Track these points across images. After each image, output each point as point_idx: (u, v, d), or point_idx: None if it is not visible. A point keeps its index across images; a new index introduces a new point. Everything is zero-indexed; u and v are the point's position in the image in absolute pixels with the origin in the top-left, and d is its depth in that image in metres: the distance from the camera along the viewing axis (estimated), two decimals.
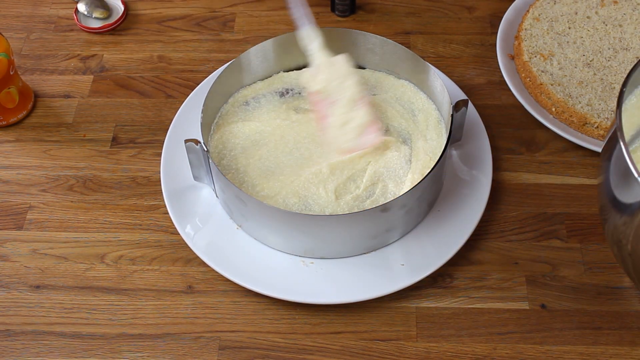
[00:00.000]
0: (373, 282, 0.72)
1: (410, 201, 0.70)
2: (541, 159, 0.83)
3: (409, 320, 0.72)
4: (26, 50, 0.96)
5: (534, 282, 0.74)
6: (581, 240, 0.77)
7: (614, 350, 0.70)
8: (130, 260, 0.77)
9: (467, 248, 0.75)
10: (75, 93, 0.91)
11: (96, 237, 0.79)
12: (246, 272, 0.73)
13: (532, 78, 0.85)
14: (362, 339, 0.71)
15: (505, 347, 0.70)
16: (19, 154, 0.86)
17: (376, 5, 0.99)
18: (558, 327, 0.71)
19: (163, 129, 0.85)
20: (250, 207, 0.71)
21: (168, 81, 0.92)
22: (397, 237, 0.75)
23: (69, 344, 0.72)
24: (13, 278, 0.76)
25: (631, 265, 0.64)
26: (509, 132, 0.85)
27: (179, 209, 0.77)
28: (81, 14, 0.98)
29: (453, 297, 0.74)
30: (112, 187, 0.83)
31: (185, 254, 0.77)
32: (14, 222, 0.80)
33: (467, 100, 0.75)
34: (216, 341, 0.71)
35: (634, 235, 0.60)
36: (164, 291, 0.75)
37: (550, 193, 0.80)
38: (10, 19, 0.99)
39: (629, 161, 0.56)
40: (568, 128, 0.83)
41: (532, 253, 0.76)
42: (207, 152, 0.71)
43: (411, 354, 0.70)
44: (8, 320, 0.73)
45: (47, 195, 0.82)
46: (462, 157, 0.80)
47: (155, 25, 0.98)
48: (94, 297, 0.75)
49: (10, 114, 0.87)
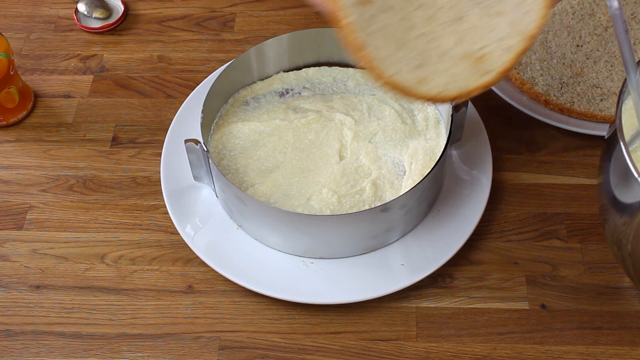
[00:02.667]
0: (373, 282, 0.72)
1: (410, 201, 0.70)
2: (541, 159, 0.83)
3: (409, 320, 0.72)
4: (26, 50, 0.96)
5: (534, 282, 0.74)
6: (581, 240, 0.77)
7: (614, 350, 0.70)
8: (130, 260, 0.77)
9: (467, 248, 0.75)
10: (75, 93, 0.91)
11: (96, 237, 0.79)
12: (246, 272, 0.73)
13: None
14: (362, 339, 0.71)
15: (505, 347, 0.70)
16: (19, 154, 0.86)
17: None
18: (558, 327, 0.71)
19: (163, 129, 0.85)
20: (250, 207, 0.71)
21: (168, 81, 0.92)
22: (397, 237, 0.75)
23: (69, 344, 0.72)
24: (13, 278, 0.76)
25: (631, 265, 0.64)
26: (509, 132, 0.85)
27: (179, 209, 0.77)
28: (81, 14, 0.98)
29: (453, 297, 0.74)
30: (112, 187, 0.83)
31: (185, 254, 0.77)
32: (14, 222, 0.80)
33: (467, 100, 0.74)
34: (216, 341, 0.71)
35: (634, 235, 0.60)
36: (164, 291, 0.75)
37: (550, 193, 0.81)
38: (10, 19, 0.99)
39: (629, 161, 0.56)
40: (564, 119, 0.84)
41: (532, 253, 0.76)
42: (207, 152, 0.72)
43: (411, 354, 0.70)
44: (8, 320, 0.73)
45: (47, 195, 0.82)
46: (462, 157, 0.80)
47: (155, 25, 0.98)
48: (94, 297, 0.75)
49: (10, 114, 0.87)
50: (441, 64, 0.62)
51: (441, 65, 0.62)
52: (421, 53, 0.62)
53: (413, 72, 0.61)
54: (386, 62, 0.60)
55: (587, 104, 0.84)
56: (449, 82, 0.62)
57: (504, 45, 0.62)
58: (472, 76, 0.62)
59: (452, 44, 0.62)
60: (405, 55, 0.61)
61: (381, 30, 0.61)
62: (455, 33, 0.62)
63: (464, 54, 0.62)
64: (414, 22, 0.62)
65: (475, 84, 0.62)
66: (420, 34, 0.62)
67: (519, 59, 0.62)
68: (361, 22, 0.60)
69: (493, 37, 0.62)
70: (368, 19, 0.60)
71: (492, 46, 0.62)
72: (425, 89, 0.61)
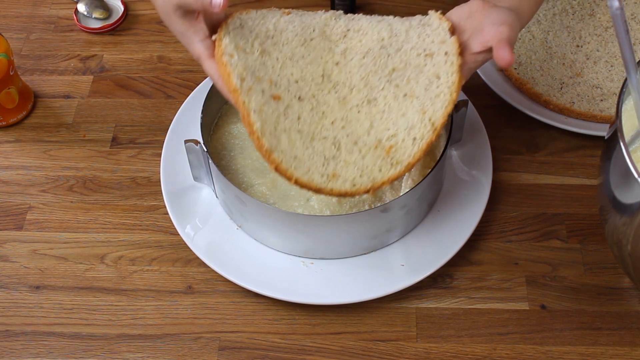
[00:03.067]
0: (373, 282, 0.72)
1: (410, 201, 0.70)
2: (541, 159, 0.83)
3: (409, 320, 0.72)
4: (26, 50, 0.96)
5: (534, 283, 0.74)
6: (581, 240, 0.77)
7: (614, 351, 0.70)
8: (130, 261, 0.77)
9: (467, 248, 0.75)
10: (75, 93, 0.91)
11: (96, 237, 0.79)
12: (246, 273, 0.73)
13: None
14: (362, 339, 0.71)
15: (505, 347, 0.70)
16: (19, 154, 0.86)
17: (376, 5, 0.99)
18: (558, 327, 0.71)
19: (163, 129, 0.85)
20: (250, 208, 0.71)
21: (168, 81, 0.92)
22: (397, 238, 0.75)
23: (69, 345, 0.72)
24: (13, 278, 0.76)
25: (631, 265, 0.64)
26: (509, 132, 0.85)
27: (179, 209, 0.77)
28: (81, 14, 0.98)
29: (453, 298, 0.74)
30: (112, 187, 0.83)
31: (185, 255, 0.77)
32: (14, 222, 0.80)
33: (467, 100, 0.75)
34: (216, 341, 0.71)
35: (634, 235, 0.60)
36: (164, 291, 0.75)
37: (550, 193, 0.80)
38: (10, 19, 0.99)
39: (629, 161, 0.56)
40: (564, 119, 0.83)
41: (532, 253, 0.76)
42: (207, 153, 0.71)
43: (411, 355, 0.70)
44: (8, 320, 0.73)
45: (47, 195, 0.82)
46: (462, 157, 0.80)
47: (155, 25, 0.98)
48: (93, 298, 0.74)
49: (10, 114, 0.87)
50: (352, 155, 0.63)
51: (352, 156, 0.63)
52: (333, 142, 0.63)
53: (323, 167, 0.62)
54: (295, 164, 0.61)
55: (587, 104, 0.84)
56: (357, 176, 0.63)
57: (413, 135, 0.63)
58: (383, 167, 0.63)
59: (364, 130, 0.64)
60: (314, 152, 0.62)
61: (290, 127, 0.62)
62: (367, 116, 0.64)
63: (376, 142, 0.63)
64: (325, 110, 0.64)
65: (386, 176, 0.63)
66: (333, 119, 0.64)
67: (428, 148, 0.63)
68: (269, 125, 0.61)
69: (403, 123, 0.64)
70: (276, 118, 0.62)
71: (402, 134, 0.63)
72: (335, 186, 0.62)
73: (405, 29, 0.67)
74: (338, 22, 0.69)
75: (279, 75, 0.64)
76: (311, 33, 0.68)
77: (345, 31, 0.68)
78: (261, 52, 0.65)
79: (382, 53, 0.66)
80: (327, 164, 0.63)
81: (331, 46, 0.68)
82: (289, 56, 0.66)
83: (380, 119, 0.64)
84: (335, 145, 0.64)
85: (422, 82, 0.65)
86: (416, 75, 0.65)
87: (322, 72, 0.66)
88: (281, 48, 0.66)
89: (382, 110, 0.65)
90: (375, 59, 0.66)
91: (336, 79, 0.66)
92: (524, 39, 0.90)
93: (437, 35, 0.65)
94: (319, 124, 0.64)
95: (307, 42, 0.67)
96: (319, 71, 0.66)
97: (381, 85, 0.65)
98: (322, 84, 0.66)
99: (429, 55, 0.65)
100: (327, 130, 0.64)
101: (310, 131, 0.63)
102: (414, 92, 0.64)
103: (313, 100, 0.65)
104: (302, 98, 0.64)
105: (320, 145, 0.63)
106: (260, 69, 0.64)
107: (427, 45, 0.66)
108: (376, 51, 0.67)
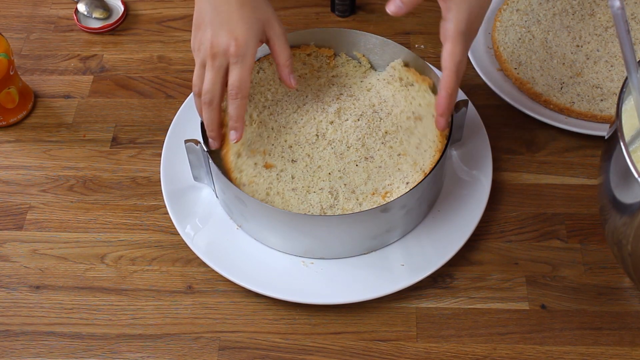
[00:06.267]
0: (373, 282, 0.72)
1: (410, 201, 0.70)
2: (541, 159, 0.83)
3: (409, 320, 0.72)
4: (26, 50, 0.96)
5: (534, 283, 0.74)
6: (581, 240, 0.77)
7: (614, 351, 0.70)
8: (130, 261, 0.77)
9: (467, 248, 0.75)
10: (75, 93, 0.91)
11: (96, 237, 0.79)
12: (246, 272, 0.73)
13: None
14: (362, 339, 0.71)
15: (506, 347, 0.70)
16: (19, 154, 0.86)
17: (376, 5, 0.99)
18: (558, 327, 0.71)
19: (163, 129, 0.85)
20: (250, 208, 0.71)
21: (168, 81, 0.92)
22: (397, 238, 0.75)
23: (69, 345, 0.72)
24: (13, 278, 0.76)
25: (631, 265, 0.64)
26: (509, 132, 0.85)
27: (179, 209, 0.77)
28: (81, 14, 0.98)
29: (453, 298, 0.74)
30: (112, 187, 0.83)
31: (185, 254, 0.77)
32: (14, 222, 0.80)
33: (467, 100, 0.75)
34: (216, 341, 0.71)
35: (634, 235, 0.60)
36: (164, 291, 0.75)
37: (550, 193, 0.80)
38: (10, 19, 0.99)
39: (629, 161, 0.56)
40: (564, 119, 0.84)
41: (532, 253, 0.76)
42: (207, 153, 0.72)
43: (411, 355, 0.70)
44: (8, 320, 0.73)
45: (47, 195, 0.82)
46: (462, 157, 0.80)
47: (155, 25, 0.98)
48: (94, 298, 0.75)
49: (10, 114, 0.87)
50: (349, 202, 0.71)
51: (349, 203, 0.71)
52: (330, 192, 0.71)
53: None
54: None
55: (587, 104, 0.84)
56: None
57: (406, 181, 0.71)
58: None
59: (362, 180, 0.72)
60: (310, 205, 0.71)
61: (283, 188, 0.71)
62: (365, 170, 0.72)
63: (373, 190, 0.72)
64: (322, 164, 0.73)
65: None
66: (330, 171, 0.72)
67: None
68: (260, 194, 0.71)
69: (399, 175, 0.72)
70: (268, 185, 0.72)
71: (397, 183, 0.71)
72: None
73: (392, 94, 0.77)
74: (331, 88, 0.78)
75: (273, 144, 0.73)
76: (304, 99, 0.77)
77: (339, 94, 0.77)
78: (258, 124, 0.74)
79: (375, 117, 0.75)
80: (325, 213, 0.70)
81: (324, 107, 0.76)
82: (283, 124, 0.74)
83: (377, 173, 0.72)
84: (332, 194, 0.71)
85: (413, 142, 0.74)
86: (408, 137, 0.74)
87: (317, 132, 0.74)
88: (277, 118, 0.75)
89: (379, 165, 0.72)
90: (369, 122, 0.75)
91: (331, 137, 0.74)
92: (524, 39, 0.90)
93: (423, 98, 0.75)
94: (315, 177, 0.72)
95: (301, 107, 0.76)
96: (312, 132, 0.74)
97: (377, 147, 0.73)
98: (317, 142, 0.73)
99: (418, 118, 0.75)
100: (323, 182, 0.71)
101: (305, 185, 0.71)
102: (406, 151, 0.73)
103: (307, 158, 0.72)
104: (295, 160, 0.72)
105: (317, 197, 0.70)
106: (256, 141, 0.72)
107: (415, 108, 0.75)
108: (369, 115, 0.75)
